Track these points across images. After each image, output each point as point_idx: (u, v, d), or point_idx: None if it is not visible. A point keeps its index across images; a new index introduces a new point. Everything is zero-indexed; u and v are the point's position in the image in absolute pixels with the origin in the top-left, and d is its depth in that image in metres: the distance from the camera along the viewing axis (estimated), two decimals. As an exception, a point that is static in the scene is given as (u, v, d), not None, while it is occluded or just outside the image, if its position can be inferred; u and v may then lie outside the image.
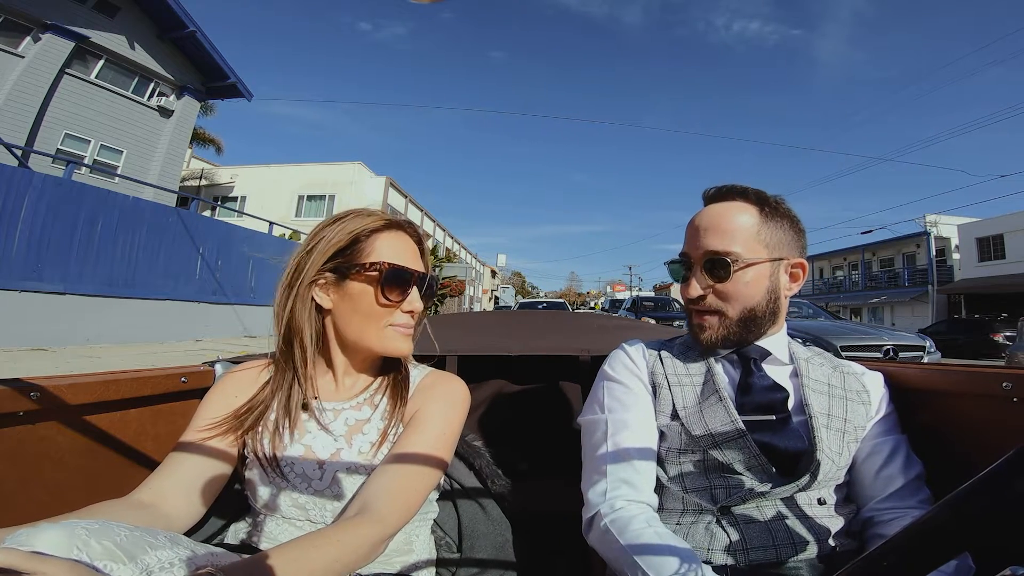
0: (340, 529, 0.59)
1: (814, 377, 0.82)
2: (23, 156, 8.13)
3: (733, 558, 0.69)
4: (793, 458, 0.74)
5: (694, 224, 0.83)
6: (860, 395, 0.82)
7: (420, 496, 0.70)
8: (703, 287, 0.80)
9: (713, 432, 0.75)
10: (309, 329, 0.79)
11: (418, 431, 0.76)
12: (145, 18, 12.21)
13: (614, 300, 26.44)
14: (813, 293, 31.41)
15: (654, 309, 15.85)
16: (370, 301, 0.77)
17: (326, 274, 0.78)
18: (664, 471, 0.79)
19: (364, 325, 0.78)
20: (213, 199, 19.33)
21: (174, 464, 0.72)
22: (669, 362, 0.86)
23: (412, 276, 0.79)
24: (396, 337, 0.80)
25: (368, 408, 0.81)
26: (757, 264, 0.78)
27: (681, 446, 0.78)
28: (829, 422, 0.77)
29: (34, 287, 6.44)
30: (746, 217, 0.80)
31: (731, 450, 0.74)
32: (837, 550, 0.71)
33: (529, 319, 1.62)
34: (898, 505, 0.74)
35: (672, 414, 0.80)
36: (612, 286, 59.83)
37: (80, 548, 0.45)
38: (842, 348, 5.04)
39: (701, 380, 0.82)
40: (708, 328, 0.81)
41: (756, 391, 0.79)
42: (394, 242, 0.80)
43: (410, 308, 0.80)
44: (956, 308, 22.91)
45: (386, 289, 0.77)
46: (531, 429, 1.25)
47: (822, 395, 0.80)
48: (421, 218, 26.45)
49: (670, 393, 0.82)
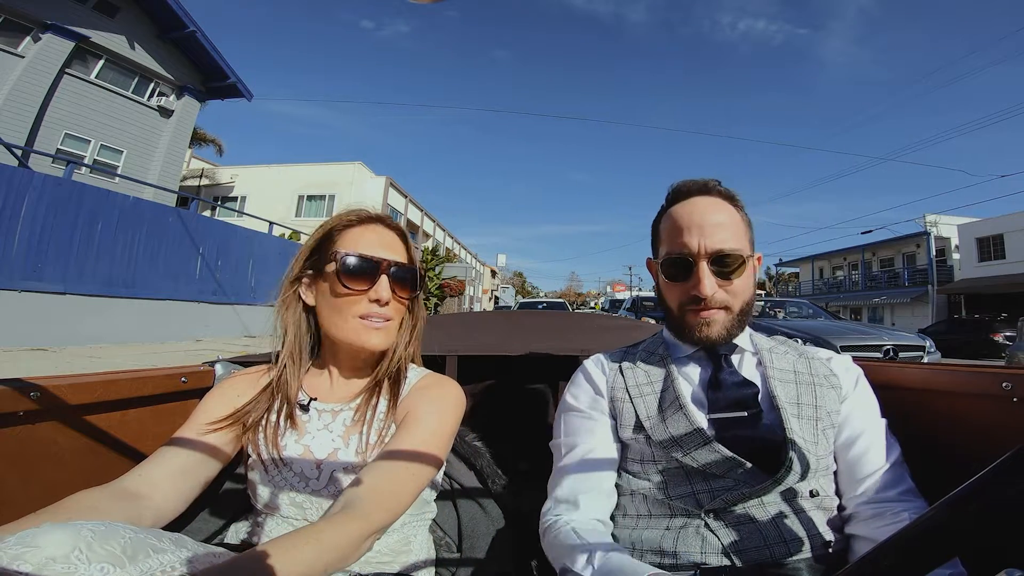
0: (321, 527, 0.59)
1: (778, 367, 0.82)
2: (23, 156, 8.13)
3: (727, 559, 0.68)
4: (768, 452, 0.73)
5: (691, 220, 0.81)
6: (829, 379, 0.82)
7: (407, 494, 0.70)
8: (715, 284, 0.80)
9: (677, 440, 0.75)
10: (295, 327, 0.81)
11: (408, 430, 0.77)
12: (145, 18, 12.21)
13: (614, 300, 26.39)
14: (813, 293, 31.45)
15: (654, 309, 15.84)
16: (336, 291, 0.78)
17: (307, 272, 0.81)
18: (646, 480, 0.79)
19: (335, 318, 0.79)
20: (213, 199, 19.34)
21: (165, 455, 0.72)
22: (630, 373, 0.86)
23: (379, 264, 0.79)
24: (364, 329, 0.79)
25: (365, 409, 0.81)
26: (750, 259, 0.81)
27: (654, 456, 0.78)
28: (800, 411, 0.76)
29: (34, 287, 6.44)
30: (734, 213, 0.83)
31: (702, 455, 0.73)
32: (832, 546, 0.70)
33: (529, 319, 1.62)
34: (879, 498, 0.72)
35: (636, 426, 0.80)
36: (612, 286, 59.78)
37: (82, 550, 0.45)
38: (842, 348, 5.03)
39: (661, 387, 0.82)
40: (716, 324, 0.80)
41: (727, 387, 0.79)
42: (366, 235, 0.81)
43: (376, 297, 0.79)
44: (956, 308, 22.91)
45: (344, 277, 0.77)
46: (531, 429, 1.26)
47: (788, 384, 0.80)
48: (421, 218, 26.44)
49: (632, 405, 0.82)
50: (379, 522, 0.64)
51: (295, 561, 0.53)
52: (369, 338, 0.79)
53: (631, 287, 49.34)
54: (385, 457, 0.72)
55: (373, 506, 0.64)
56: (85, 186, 7.33)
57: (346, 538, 0.59)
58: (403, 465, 0.71)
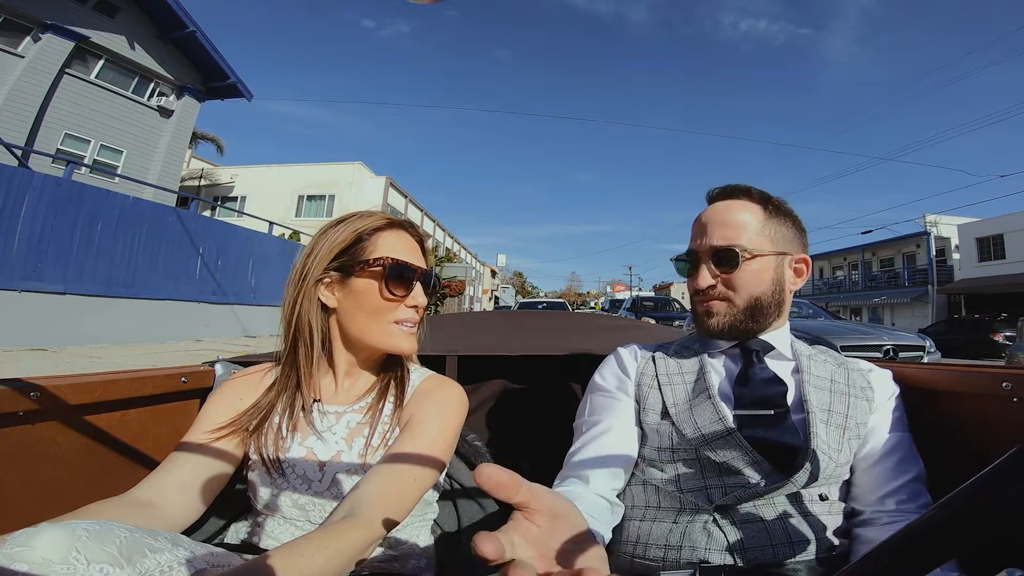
0: (329, 535, 0.58)
1: (816, 373, 0.82)
2: (23, 156, 8.12)
3: (731, 557, 0.68)
4: (789, 454, 0.73)
5: (700, 221, 0.86)
6: (864, 391, 0.81)
7: (410, 499, 0.70)
8: (712, 277, 0.82)
9: (702, 430, 0.75)
10: (315, 328, 0.80)
11: (412, 435, 0.76)
12: (145, 18, 12.20)
13: (614, 300, 26.42)
14: (813, 293, 31.40)
15: (654, 309, 15.87)
16: (375, 297, 0.79)
17: (331, 273, 0.80)
18: (659, 470, 0.79)
19: (369, 322, 0.80)
20: (213, 199, 19.33)
21: (175, 463, 0.72)
22: (662, 362, 0.87)
23: (415, 272, 0.81)
24: (401, 334, 0.81)
25: (369, 411, 0.81)
26: (762, 256, 0.81)
27: (673, 445, 0.78)
28: (829, 418, 0.76)
29: (34, 287, 6.43)
30: (750, 213, 0.83)
31: (723, 448, 0.73)
32: (836, 550, 0.70)
33: (529, 319, 1.62)
34: (893, 508, 0.72)
35: (662, 412, 0.81)
36: (612, 286, 59.79)
37: (79, 550, 0.45)
38: (842, 348, 5.02)
39: (693, 379, 0.83)
40: (716, 314, 0.82)
41: (755, 383, 0.79)
42: (396, 240, 0.82)
43: (414, 303, 0.81)
44: (956, 308, 22.90)
45: (391, 284, 0.78)
46: (532, 429, 1.26)
47: (823, 391, 0.79)
48: (421, 218, 26.43)
49: (660, 393, 0.83)
50: (383, 529, 0.64)
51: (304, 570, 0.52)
52: (402, 342, 0.81)
53: (631, 287, 49.33)
54: (388, 461, 0.72)
55: (377, 512, 0.63)
56: (85, 186, 7.33)
57: (351, 545, 0.59)
58: (406, 469, 0.71)
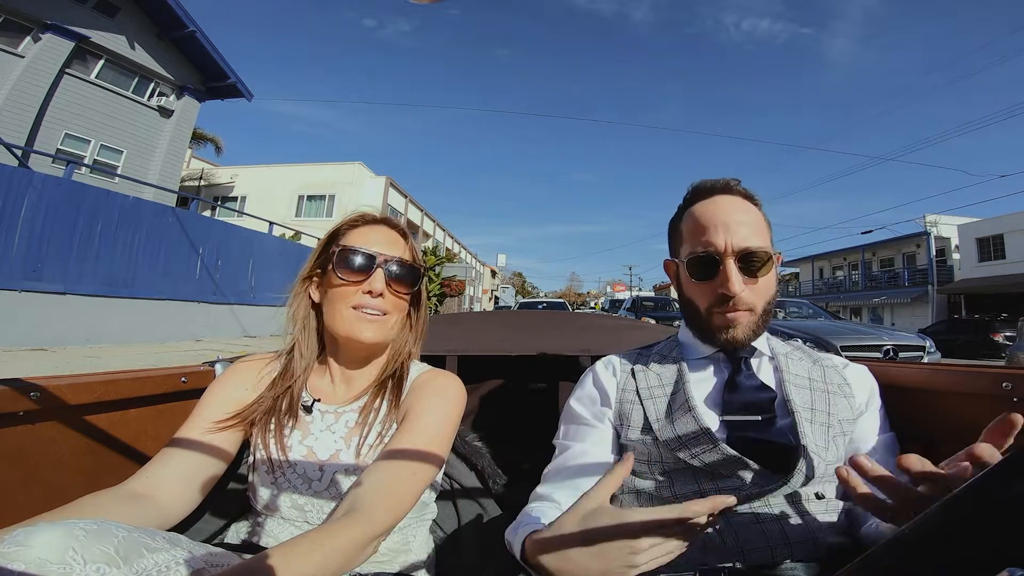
0: (327, 533, 0.58)
1: (794, 372, 0.82)
2: (23, 156, 8.13)
3: (729, 560, 0.68)
4: (779, 455, 0.73)
5: (716, 218, 0.80)
6: (842, 388, 0.82)
7: (411, 495, 0.70)
8: (743, 283, 0.78)
9: (683, 440, 0.75)
10: (305, 322, 0.85)
11: (409, 429, 0.76)
12: (145, 18, 12.20)
13: (614, 300, 26.39)
14: (813, 293, 31.44)
15: (654, 309, 15.84)
16: (333, 284, 0.81)
17: (316, 271, 0.85)
18: (651, 480, 0.79)
19: (331, 309, 0.82)
20: (213, 199, 19.32)
21: (170, 455, 0.72)
22: (642, 376, 0.86)
23: (375, 258, 0.81)
24: (357, 319, 0.80)
25: (367, 410, 0.82)
26: (774, 259, 0.81)
27: (660, 456, 0.78)
28: (813, 416, 0.76)
29: (34, 287, 6.43)
30: (756, 212, 0.83)
31: (706, 455, 0.73)
32: (834, 549, 0.70)
33: (529, 319, 1.62)
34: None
35: (644, 427, 0.80)
36: (612, 286, 59.78)
37: (76, 550, 0.45)
38: (842, 348, 5.03)
39: (674, 390, 0.82)
40: (742, 325, 0.79)
41: (743, 390, 0.79)
42: (368, 233, 0.84)
43: (369, 288, 0.80)
44: (956, 308, 22.90)
45: (339, 269, 0.80)
46: (532, 429, 1.26)
47: (803, 389, 0.79)
48: (421, 218, 26.42)
49: (642, 408, 0.82)
50: (383, 525, 0.64)
51: (301, 569, 0.52)
52: (362, 329, 0.80)
53: (631, 287, 49.33)
54: (386, 457, 0.72)
55: (376, 509, 0.63)
56: (85, 186, 7.33)
57: (351, 543, 0.59)
58: (405, 465, 0.71)
